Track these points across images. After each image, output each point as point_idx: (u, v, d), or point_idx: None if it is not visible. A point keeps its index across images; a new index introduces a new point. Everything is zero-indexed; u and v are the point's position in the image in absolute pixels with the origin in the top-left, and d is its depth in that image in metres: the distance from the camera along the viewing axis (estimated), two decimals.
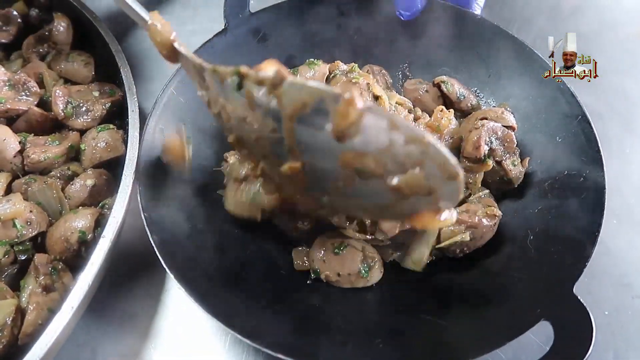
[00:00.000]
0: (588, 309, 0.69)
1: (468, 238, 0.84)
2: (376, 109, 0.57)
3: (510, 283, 0.81)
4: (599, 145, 0.87)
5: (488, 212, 0.86)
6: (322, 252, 0.84)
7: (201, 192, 0.92)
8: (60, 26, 1.07)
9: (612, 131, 1.16)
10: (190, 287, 0.74)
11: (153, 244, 0.77)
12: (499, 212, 0.87)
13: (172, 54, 0.77)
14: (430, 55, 1.06)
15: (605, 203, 0.81)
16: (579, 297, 0.71)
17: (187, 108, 0.97)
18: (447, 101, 1.03)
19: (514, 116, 0.96)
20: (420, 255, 0.86)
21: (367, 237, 0.86)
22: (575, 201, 0.84)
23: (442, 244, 0.85)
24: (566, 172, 0.89)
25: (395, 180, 0.59)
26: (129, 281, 0.92)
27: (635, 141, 1.15)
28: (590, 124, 0.89)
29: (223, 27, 1.03)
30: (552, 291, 0.74)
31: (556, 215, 0.86)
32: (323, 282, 0.85)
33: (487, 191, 0.91)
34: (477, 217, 0.85)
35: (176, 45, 0.76)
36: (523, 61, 1.00)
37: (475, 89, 1.07)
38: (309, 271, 0.87)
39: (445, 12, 1.06)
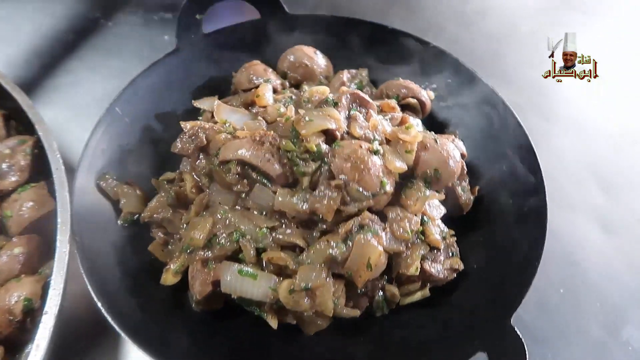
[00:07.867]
0: (523, 339, 0.68)
1: (429, 294, 0.82)
2: None
3: (451, 314, 0.80)
4: (542, 174, 0.87)
5: (452, 264, 0.83)
6: None
7: (141, 236, 0.87)
8: None
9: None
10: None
11: (102, 309, 0.71)
12: (461, 266, 0.83)
13: None
14: (380, 81, 1.07)
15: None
16: (515, 328, 0.70)
17: (130, 130, 0.94)
18: None
19: (463, 144, 0.97)
20: None
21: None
22: (518, 230, 0.85)
23: (403, 303, 0.82)
24: (511, 200, 0.89)
25: None
26: (80, 356, 0.83)
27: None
28: (534, 153, 0.90)
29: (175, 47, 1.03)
30: (490, 322, 0.73)
31: (500, 245, 0.86)
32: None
33: (454, 240, 0.86)
34: (442, 274, 0.81)
35: None
36: (472, 90, 1.01)
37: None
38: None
39: (389, 37, 1.07)
